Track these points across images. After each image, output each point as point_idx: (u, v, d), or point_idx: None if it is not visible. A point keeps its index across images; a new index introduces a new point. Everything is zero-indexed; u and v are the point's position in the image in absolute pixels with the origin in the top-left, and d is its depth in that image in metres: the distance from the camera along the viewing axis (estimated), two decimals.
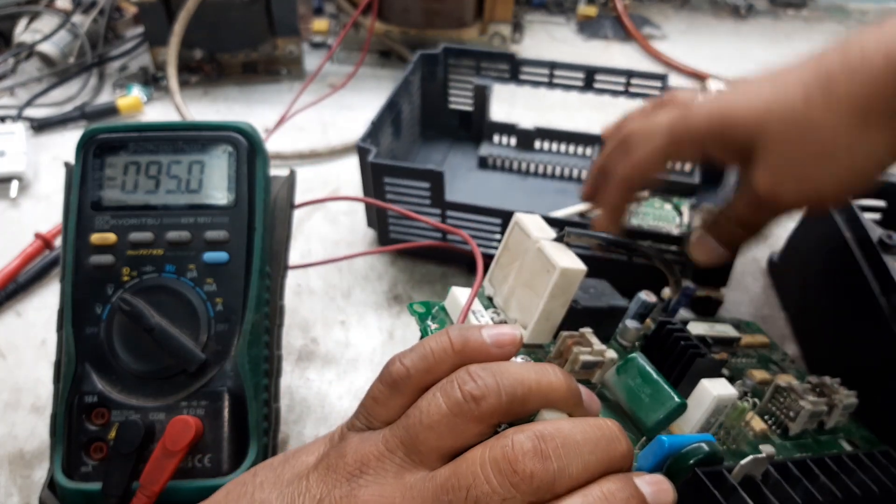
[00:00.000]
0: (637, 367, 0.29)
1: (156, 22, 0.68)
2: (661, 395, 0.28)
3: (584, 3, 0.91)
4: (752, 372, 0.36)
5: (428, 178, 0.46)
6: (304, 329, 0.47)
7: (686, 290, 0.38)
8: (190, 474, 0.30)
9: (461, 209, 0.47)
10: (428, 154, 0.62)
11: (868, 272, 0.38)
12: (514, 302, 0.31)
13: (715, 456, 0.25)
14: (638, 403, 0.28)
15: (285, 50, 0.73)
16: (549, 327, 0.30)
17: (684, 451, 0.25)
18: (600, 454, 0.22)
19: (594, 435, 0.22)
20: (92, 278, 0.32)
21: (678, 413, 0.28)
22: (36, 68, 0.73)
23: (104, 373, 0.31)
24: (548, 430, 0.22)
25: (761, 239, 0.37)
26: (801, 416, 0.32)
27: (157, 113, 0.69)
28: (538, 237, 0.30)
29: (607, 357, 0.29)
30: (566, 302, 0.30)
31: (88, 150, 0.34)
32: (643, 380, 0.29)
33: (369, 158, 0.46)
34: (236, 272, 0.33)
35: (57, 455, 0.30)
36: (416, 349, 0.25)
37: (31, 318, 0.47)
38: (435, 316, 0.32)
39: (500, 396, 0.22)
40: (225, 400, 0.31)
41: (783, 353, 0.41)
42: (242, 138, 0.34)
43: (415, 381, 0.24)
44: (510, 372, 0.23)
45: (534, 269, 0.30)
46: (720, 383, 0.29)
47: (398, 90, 0.55)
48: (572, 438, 0.22)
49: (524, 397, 0.23)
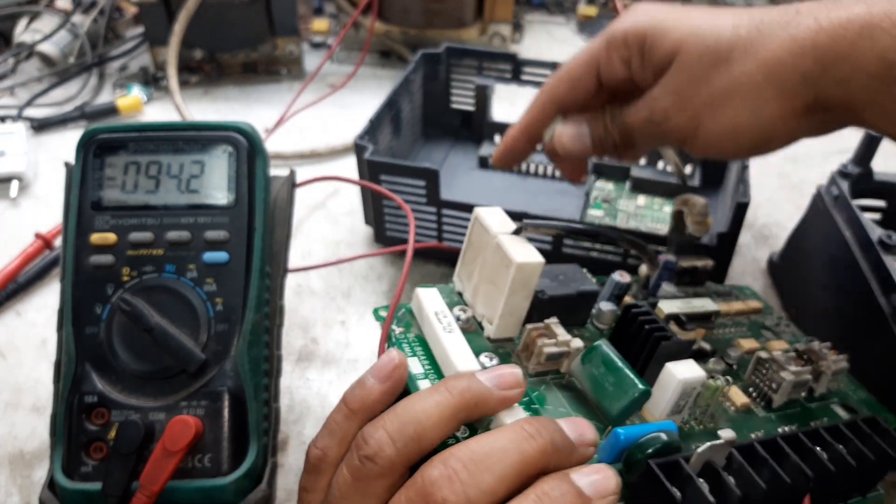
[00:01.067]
0: (601, 354, 0.29)
1: (156, 22, 0.68)
2: (623, 382, 0.27)
3: (584, 3, 0.91)
4: (739, 342, 0.35)
5: (424, 176, 0.46)
6: (304, 329, 0.47)
7: (667, 263, 0.37)
8: (190, 474, 0.30)
9: (457, 208, 0.47)
10: (429, 153, 0.62)
11: (868, 272, 0.38)
12: (480, 297, 0.31)
13: (671, 445, 0.25)
14: (602, 392, 0.28)
15: (285, 50, 0.73)
16: (515, 321, 0.30)
17: (639, 443, 0.25)
18: (512, 459, 0.22)
19: (501, 443, 0.22)
20: (92, 278, 0.32)
21: (642, 400, 0.27)
22: (36, 68, 0.73)
23: (104, 373, 0.31)
24: (454, 453, 0.22)
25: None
26: (783, 387, 0.31)
27: (157, 113, 0.69)
28: (496, 231, 0.30)
29: (573, 347, 0.29)
30: (528, 295, 0.30)
31: (88, 150, 0.34)
32: (606, 368, 0.28)
33: (366, 156, 0.46)
34: (236, 272, 0.33)
35: (57, 455, 0.30)
36: (324, 427, 0.26)
37: (31, 317, 0.47)
38: (400, 319, 0.32)
39: (393, 446, 0.23)
40: (225, 400, 0.31)
41: (778, 317, 0.40)
42: (242, 138, 0.34)
43: (331, 459, 0.25)
44: (403, 414, 0.24)
45: (494, 264, 0.30)
46: (687, 365, 0.28)
47: (398, 89, 0.55)
48: (479, 453, 0.22)
49: (420, 434, 0.23)
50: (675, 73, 0.31)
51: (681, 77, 0.31)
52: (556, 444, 0.23)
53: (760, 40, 0.29)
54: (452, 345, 0.29)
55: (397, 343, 0.31)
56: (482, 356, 0.29)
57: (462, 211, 0.47)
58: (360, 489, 0.23)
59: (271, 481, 0.32)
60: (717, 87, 0.29)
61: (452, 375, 0.26)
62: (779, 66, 0.28)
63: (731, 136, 0.30)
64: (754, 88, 0.29)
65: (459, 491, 0.21)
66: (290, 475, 0.38)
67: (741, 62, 0.29)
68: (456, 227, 0.48)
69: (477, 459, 0.22)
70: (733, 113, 0.29)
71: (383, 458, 0.23)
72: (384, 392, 0.26)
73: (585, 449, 0.24)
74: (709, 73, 0.30)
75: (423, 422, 0.24)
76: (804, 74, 0.27)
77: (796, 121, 0.29)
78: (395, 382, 0.26)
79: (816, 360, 0.33)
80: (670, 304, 0.34)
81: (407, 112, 0.59)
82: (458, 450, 0.22)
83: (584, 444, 0.24)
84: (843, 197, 0.43)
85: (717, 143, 0.31)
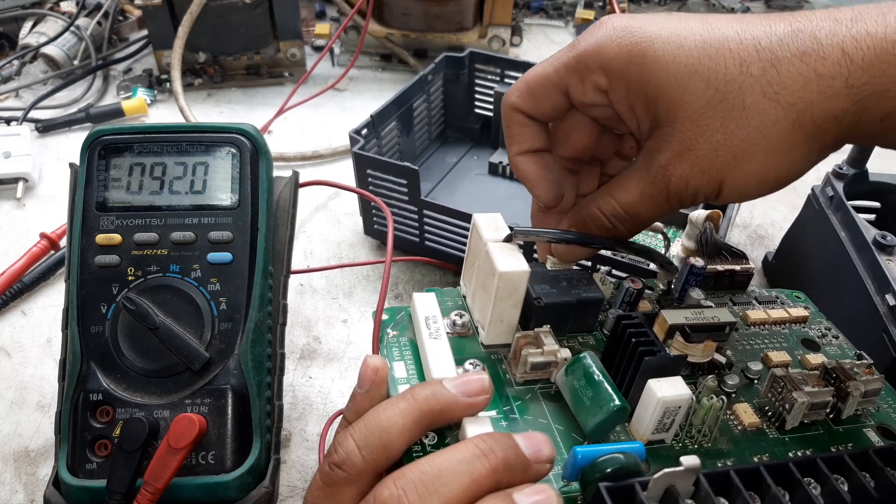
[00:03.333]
0: (582, 367, 0.28)
1: (160, 25, 0.69)
2: (601, 397, 0.26)
3: (581, 6, 0.92)
4: (768, 354, 0.33)
5: (404, 174, 0.46)
6: (306, 327, 0.47)
7: (693, 268, 0.35)
8: (194, 471, 0.30)
9: (435, 209, 0.47)
10: (442, 155, 0.62)
11: (863, 272, 0.38)
12: (477, 303, 0.31)
13: (628, 468, 0.24)
14: (580, 406, 0.27)
15: (288, 53, 0.74)
16: (506, 327, 0.30)
17: (594, 462, 0.24)
18: (461, 481, 0.22)
19: (451, 464, 0.23)
20: (97, 278, 0.33)
21: (619, 417, 0.26)
22: (41, 71, 0.73)
23: (109, 371, 0.32)
24: (405, 473, 0.23)
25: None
26: (795, 409, 0.29)
27: (161, 115, 0.70)
28: (487, 238, 0.30)
29: (560, 357, 0.29)
30: (517, 303, 0.30)
31: (93, 152, 0.34)
32: (587, 381, 0.27)
33: (355, 148, 0.47)
34: (240, 272, 0.33)
35: (62, 452, 0.31)
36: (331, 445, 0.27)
37: (37, 317, 0.48)
38: (398, 323, 0.32)
39: (360, 454, 0.24)
40: (228, 397, 0.31)
41: (826, 327, 0.37)
42: (246, 140, 0.35)
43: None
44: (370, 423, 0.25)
45: (485, 271, 0.30)
46: (671, 383, 0.27)
47: (412, 87, 0.55)
48: (429, 474, 0.22)
49: (386, 442, 0.24)
50: (683, 126, 0.26)
51: (690, 130, 0.26)
52: (510, 461, 0.23)
53: (780, 81, 0.25)
54: (434, 351, 0.29)
55: (388, 346, 0.31)
56: (467, 363, 0.29)
57: (439, 213, 0.47)
58: (328, 495, 0.24)
59: (274, 478, 0.32)
60: (738, 138, 0.26)
61: (420, 383, 0.27)
62: (808, 109, 0.25)
63: (757, 186, 0.27)
64: (780, 136, 0.25)
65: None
66: (292, 472, 0.38)
67: (761, 108, 0.25)
68: (438, 230, 0.48)
69: (427, 481, 0.22)
70: (760, 163, 0.26)
71: (350, 466, 0.24)
72: (368, 398, 0.27)
73: (541, 466, 0.24)
74: (725, 124, 0.26)
75: (389, 430, 0.24)
76: (838, 116, 0.25)
77: (822, 155, 0.27)
78: (377, 385, 0.27)
79: (845, 380, 0.30)
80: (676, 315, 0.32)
81: (422, 111, 0.59)
82: (409, 470, 0.23)
83: (540, 461, 0.24)
84: (838, 197, 0.43)
85: (739, 195, 0.27)
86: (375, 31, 0.75)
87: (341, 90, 0.75)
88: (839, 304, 0.41)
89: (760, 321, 0.36)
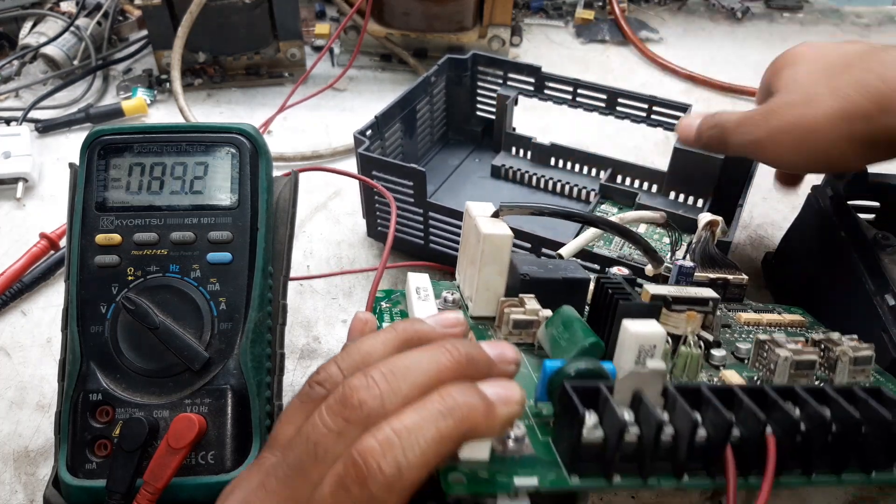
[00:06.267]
0: (560, 315, 0.29)
1: (160, 25, 0.69)
2: (575, 336, 0.28)
3: (581, 6, 0.92)
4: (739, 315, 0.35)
5: (411, 176, 0.46)
6: (306, 327, 0.47)
7: (682, 268, 0.35)
8: (193, 471, 0.30)
9: (441, 211, 0.47)
10: (445, 157, 0.62)
11: (863, 272, 0.38)
12: (467, 280, 0.33)
13: (593, 372, 0.24)
14: (557, 350, 0.28)
15: (288, 53, 0.74)
16: (492, 296, 0.32)
17: (559, 370, 0.25)
18: (426, 368, 0.23)
19: (417, 357, 0.24)
20: (97, 278, 0.33)
21: (594, 352, 0.27)
22: (41, 71, 0.73)
23: (109, 371, 0.32)
24: (377, 366, 0.23)
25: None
26: (779, 366, 0.28)
27: (161, 115, 0.70)
28: (475, 214, 0.32)
29: (541, 315, 0.30)
30: (502, 270, 0.31)
31: (93, 152, 0.34)
32: (564, 326, 0.28)
33: (360, 149, 0.47)
34: (239, 272, 0.33)
35: (62, 452, 0.31)
36: None
37: (37, 317, 0.48)
38: (392, 300, 0.35)
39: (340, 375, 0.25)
40: (228, 397, 0.31)
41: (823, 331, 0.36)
42: (245, 140, 0.35)
43: None
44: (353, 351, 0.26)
45: (473, 243, 0.32)
46: (644, 323, 0.27)
47: (415, 89, 0.55)
48: (398, 365, 0.23)
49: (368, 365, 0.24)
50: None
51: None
52: (473, 357, 0.24)
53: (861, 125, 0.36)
54: (420, 309, 0.31)
55: (380, 313, 0.33)
56: (444, 292, 0.31)
57: (445, 215, 0.47)
58: (307, 410, 0.24)
59: None
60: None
61: (400, 320, 0.28)
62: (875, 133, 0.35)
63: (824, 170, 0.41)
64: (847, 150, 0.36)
65: (376, 395, 0.22)
66: None
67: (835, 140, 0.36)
68: (443, 233, 0.48)
69: (395, 370, 0.23)
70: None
71: (332, 384, 0.24)
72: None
73: (506, 366, 0.25)
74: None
75: (371, 354, 0.25)
76: None
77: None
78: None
79: (831, 347, 0.30)
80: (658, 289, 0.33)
81: (425, 114, 0.58)
82: (381, 364, 0.24)
83: (504, 361, 0.25)
84: (838, 197, 0.43)
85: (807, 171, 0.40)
86: (375, 30, 0.75)
87: (341, 90, 0.75)
88: (839, 303, 0.41)
89: (754, 321, 0.37)
